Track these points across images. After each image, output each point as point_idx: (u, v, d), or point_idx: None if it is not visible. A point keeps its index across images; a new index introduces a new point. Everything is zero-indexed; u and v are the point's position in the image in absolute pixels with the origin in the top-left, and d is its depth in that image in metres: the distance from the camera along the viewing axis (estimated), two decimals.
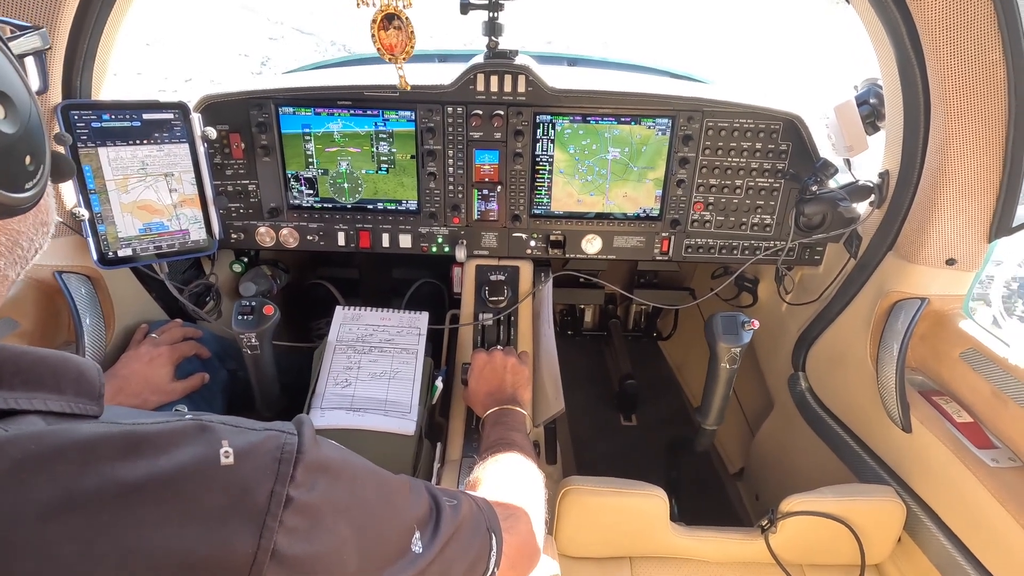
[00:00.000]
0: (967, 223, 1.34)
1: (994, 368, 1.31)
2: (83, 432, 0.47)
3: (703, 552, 1.43)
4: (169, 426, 0.51)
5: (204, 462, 0.50)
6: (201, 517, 0.47)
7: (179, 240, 1.46)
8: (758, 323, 1.50)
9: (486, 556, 0.77)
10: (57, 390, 0.52)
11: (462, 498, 0.80)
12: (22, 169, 0.54)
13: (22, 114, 0.54)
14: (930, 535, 1.34)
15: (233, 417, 0.56)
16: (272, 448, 0.54)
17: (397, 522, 0.65)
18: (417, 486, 0.74)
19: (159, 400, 1.42)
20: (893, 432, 1.45)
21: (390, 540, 0.63)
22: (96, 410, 0.54)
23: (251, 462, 0.52)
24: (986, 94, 1.20)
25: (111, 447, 0.47)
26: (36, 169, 0.55)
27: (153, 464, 0.47)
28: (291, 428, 0.57)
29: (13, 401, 0.49)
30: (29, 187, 0.54)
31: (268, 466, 0.52)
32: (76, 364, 0.55)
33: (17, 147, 0.53)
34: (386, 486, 0.67)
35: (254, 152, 1.61)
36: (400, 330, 1.59)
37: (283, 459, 0.53)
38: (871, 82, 1.53)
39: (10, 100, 0.52)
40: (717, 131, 1.61)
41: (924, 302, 1.40)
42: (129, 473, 0.46)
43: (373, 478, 0.66)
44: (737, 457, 2.28)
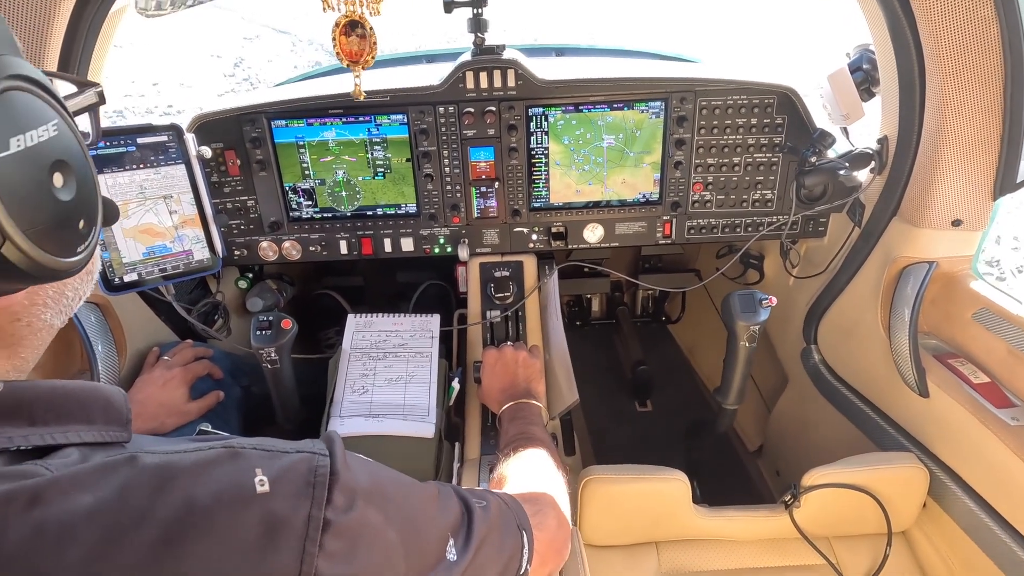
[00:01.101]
0: (970, 183, 1.33)
1: (1008, 326, 1.30)
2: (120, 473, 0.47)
3: (728, 532, 1.43)
4: (202, 455, 0.51)
5: (240, 491, 0.49)
6: (240, 548, 0.47)
7: (183, 261, 1.46)
8: (776, 300, 1.50)
9: (519, 555, 0.77)
10: (87, 421, 0.53)
11: (490, 498, 0.79)
12: (76, 234, 0.54)
13: (79, 179, 0.54)
14: (955, 498, 1.33)
15: (262, 439, 0.56)
16: (305, 471, 0.53)
17: (432, 532, 0.65)
18: (446, 491, 0.74)
19: (177, 422, 1.43)
20: (910, 398, 1.44)
21: (426, 551, 0.63)
22: (125, 436, 0.55)
23: (286, 487, 0.51)
24: (980, 51, 1.19)
25: (147, 485, 0.47)
26: (88, 230, 0.56)
27: (190, 498, 0.47)
28: (322, 448, 0.56)
29: (50, 437, 0.50)
30: (81, 250, 0.55)
31: (303, 490, 0.52)
32: (103, 393, 0.56)
33: (73, 213, 0.53)
34: (418, 496, 0.67)
35: (250, 168, 1.61)
36: (413, 334, 1.60)
37: (317, 482, 0.53)
38: (863, 48, 1.51)
39: (68, 167, 0.52)
40: (711, 110, 1.60)
41: (933, 265, 1.39)
42: (167, 509, 0.46)
43: (405, 490, 0.65)
44: (755, 435, 2.28)
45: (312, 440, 0.58)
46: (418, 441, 1.39)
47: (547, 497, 0.95)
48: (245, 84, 8.80)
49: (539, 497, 0.94)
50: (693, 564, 1.41)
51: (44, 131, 0.50)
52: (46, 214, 0.50)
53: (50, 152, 0.50)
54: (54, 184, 0.51)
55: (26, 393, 0.50)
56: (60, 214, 0.51)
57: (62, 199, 0.51)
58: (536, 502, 0.92)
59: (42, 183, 0.50)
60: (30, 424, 0.49)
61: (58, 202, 0.51)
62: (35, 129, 0.49)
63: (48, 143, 0.50)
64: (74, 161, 0.53)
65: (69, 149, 0.53)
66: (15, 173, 0.46)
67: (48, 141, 0.50)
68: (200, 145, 1.42)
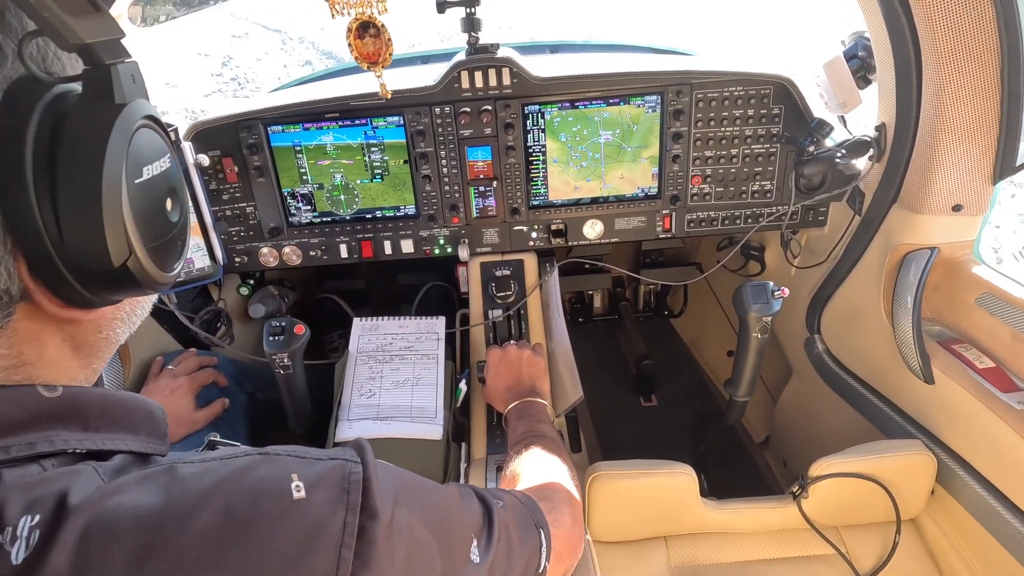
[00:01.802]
0: (970, 167, 1.32)
1: (1012, 310, 1.30)
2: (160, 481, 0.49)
3: (737, 524, 1.43)
4: (239, 462, 0.52)
5: (277, 498, 0.50)
6: (278, 554, 0.48)
7: (184, 270, 1.46)
8: (788, 291, 1.49)
9: (538, 553, 0.77)
10: (133, 431, 0.55)
11: (506, 497, 0.79)
12: (176, 251, 0.60)
13: (183, 204, 0.61)
14: (963, 484, 1.33)
15: (295, 446, 0.57)
16: (340, 478, 0.54)
17: (458, 535, 0.66)
18: (466, 493, 0.74)
19: (185, 431, 1.43)
20: (915, 385, 1.44)
21: (453, 554, 0.64)
22: (164, 449, 0.57)
23: (322, 494, 0.52)
24: (976, 35, 1.18)
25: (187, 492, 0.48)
26: (182, 250, 0.62)
27: (229, 504, 0.48)
28: (354, 456, 0.57)
29: (101, 442, 0.51)
30: (176, 266, 0.61)
31: (338, 497, 0.53)
32: (147, 405, 0.58)
33: (177, 233, 0.60)
34: (443, 499, 0.68)
35: (248, 174, 1.61)
36: (419, 336, 1.60)
37: (351, 488, 0.54)
38: (858, 35, 1.51)
39: (176, 193, 0.59)
40: (707, 102, 1.59)
41: (934, 251, 1.39)
42: (207, 516, 0.47)
43: (430, 494, 0.66)
44: (761, 426, 2.28)
45: (343, 448, 0.59)
46: (426, 443, 1.39)
47: (561, 494, 0.96)
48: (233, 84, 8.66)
49: (553, 494, 0.94)
50: (703, 557, 1.41)
51: (163, 163, 0.57)
52: (160, 233, 0.56)
53: (166, 180, 0.57)
54: (167, 207, 0.58)
55: (82, 398, 0.52)
56: (169, 233, 0.58)
57: (172, 220, 0.58)
58: (550, 499, 0.92)
59: (160, 206, 0.56)
60: (84, 429, 0.51)
61: (169, 223, 0.58)
62: (158, 160, 0.56)
63: (165, 173, 0.57)
64: (180, 189, 0.60)
65: (177, 179, 0.60)
66: (144, 197, 0.53)
67: (165, 171, 0.57)
68: (197, 153, 1.42)
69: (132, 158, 0.51)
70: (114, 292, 0.54)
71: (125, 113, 0.51)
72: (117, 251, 0.49)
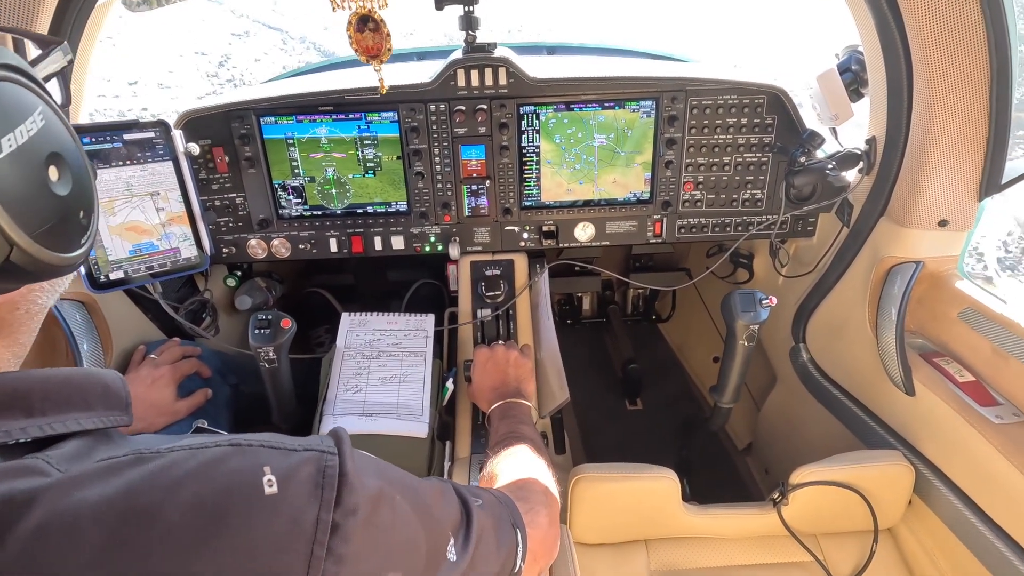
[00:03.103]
0: (957, 183, 1.34)
1: (993, 325, 1.32)
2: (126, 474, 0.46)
3: (717, 529, 1.44)
4: (209, 453, 0.50)
5: (248, 493, 0.48)
6: (249, 552, 0.47)
7: (170, 259, 1.45)
8: (776, 300, 1.51)
9: (514, 553, 0.77)
10: (87, 407, 0.51)
11: (485, 496, 0.79)
12: (77, 226, 0.52)
13: (74, 169, 0.51)
14: (940, 495, 1.35)
15: (270, 435, 0.55)
16: (314, 472, 0.52)
17: (435, 533, 0.64)
18: (447, 490, 0.73)
19: (165, 421, 1.41)
20: (897, 396, 1.45)
21: (429, 552, 0.63)
22: (127, 420, 0.54)
23: (294, 489, 0.50)
24: (967, 53, 1.20)
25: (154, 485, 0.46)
26: (88, 222, 0.54)
27: (199, 499, 0.46)
28: (331, 446, 0.55)
29: (49, 427, 0.48)
30: (84, 241, 0.54)
31: (312, 492, 0.51)
32: (100, 377, 0.55)
33: (72, 206, 0.51)
34: (422, 496, 0.66)
35: (239, 165, 1.60)
36: (407, 333, 1.59)
37: (326, 484, 0.51)
38: (852, 49, 1.52)
39: (62, 159, 0.50)
40: (702, 109, 1.60)
41: (919, 265, 1.40)
42: (176, 511, 0.45)
43: (410, 491, 0.64)
44: (744, 433, 2.29)
45: (320, 436, 0.57)
46: (411, 440, 1.39)
47: (539, 494, 0.96)
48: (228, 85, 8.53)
49: (531, 494, 0.94)
50: (683, 562, 1.42)
51: (32, 124, 0.47)
52: (48, 213, 0.48)
53: (42, 145, 0.48)
54: (50, 179, 0.48)
55: (20, 383, 0.49)
56: (61, 210, 0.49)
57: (60, 194, 0.49)
58: (528, 499, 0.92)
59: (39, 181, 0.47)
60: (27, 415, 0.48)
61: (57, 198, 0.49)
62: (23, 124, 0.46)
63: (38, 136, 0.48)
64: (66, 151, 0.51)
65: (59, 138, 0.50)
66: (10, 175, 0.44)
67: (38, 134, 0.48)
68: (188, 142, 1.41)
69: None
70: (11, 284, 0.49)
71: None
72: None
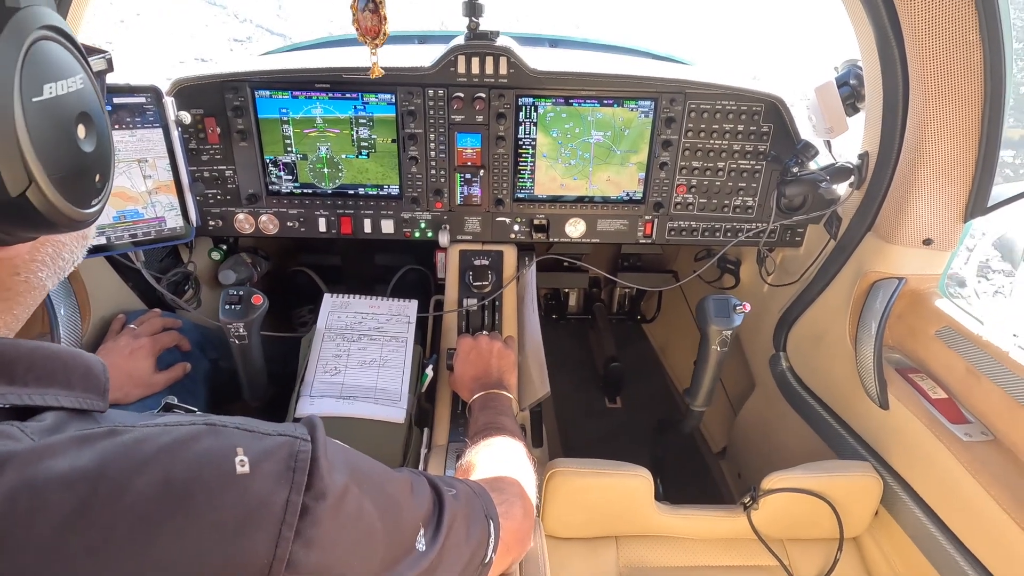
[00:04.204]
0: (944, 203, 1.36)
1: (968, 345, 1.34)
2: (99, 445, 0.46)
3: (687, 530, 1.46)
4: (183, 431, 0.50)
5: (219, 471, 0.48)
6: (217, 529, 0.47)
7: (155, 228, 1.42)
8: (750, 306, 1.52)
9: (485, 544, 0.77)
10: (68, 386, 0.52)
11: (459, 486, 0.79)
12: (92, 186, 0.55)
13: (100, 133, 0.55)
14: (906, 508, 1.38)
15: (244, 419, 0.55)
16: (286, 456, 0.52)
17: (404, 523, 0.65)
18: (419, 482, 0.73)
19: (141, 393, 1.40)
20: (871, 409, 1.48)
21: (397, 542, 0.63)
22: (102, 406, 0.54)
23: (266, 469, 0.50)
24: (963, 75, 1.21)
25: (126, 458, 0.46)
26: (103, 186, 0.57)
27: (168, 474, 0.46)
28: (304, 433, 0.55)
29: (28, 397, 0.48)
30: (95, 203, 0.56)
31: (283, 474, 0.51)
32: (84, 359, 0.55)
33: (92, 166, 0.54)
34: (393, 486, 0.66)
35: (230, 137, 1.57)
36: (389, 318, 1.58)
37: (298, 467, 0.52)
38: (851, 63, 1.53)
39: (91, 120, 0.53)
40: (700, 113, 1.61)
41: (902, 282, 1.42)
42: (145, 484, 0.45)
43: (381, 480, 0.65)
44: (720, 436, 2.32)
45: (294, 424, 0.57)
46: (388, 425, 1.39)
47: (515, 486, 0.96)
48: None
49: (506, 486, 0.94)
50: (651, 559, 1.43)
51: (73, 83, 0.51)
52: (69, 162, 0.51)
53: (77, 103, 0.52)
54: (78, 135, 0.52)
55: (7, 351, 0.49)
56: (81, 164, 0.52)
57: (84, 150, 0.53)
58: (503, 491, 0.92)
59: (68, 132, 0.51)
60: (9, 383, 0.48)
61: (81, 152, 0.52)
62: (65, 79, 0.50)
63: (76, 94, 0.51)
64: (96, 116, 0.55)
65: (92, 103, 0.54)
66: (45, 119, 0.47)
67: (76, 92, 0.52)
68: (179, 110, 1.38)
69: (28, 72, 0.46)
70: (21, 227, 0.50)
71: (18, 19, 0.45)
72: (13, 179, 0.45)
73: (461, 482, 0.82)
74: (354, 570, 0.57)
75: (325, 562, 0.53)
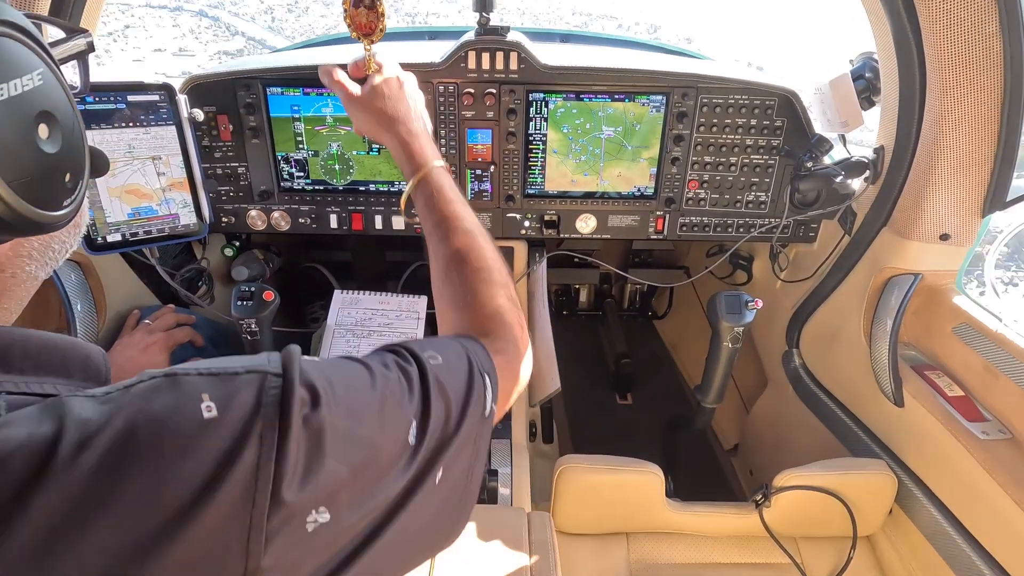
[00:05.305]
0: (961, 198, 1.34)
1: (986, 342, 1.32)
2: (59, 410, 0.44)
3: (698, 527, 1.45)
4: (143, 385, 0.47)
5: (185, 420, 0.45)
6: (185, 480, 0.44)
7: (169, 224, 1.44)
8: (762, 303, 1.51)
9: (482, 401, 0.68)
10: (65, 375, 0.51)
11: (447, 348, 0.69)
12: (61, 187, 0.53)
13: (65, 131, 0.53)
14: (920, 506, 1.36)
15: (205, 361, 0.51)
16: (255, 392, 0.49)
17: (393, 431, 0.58)
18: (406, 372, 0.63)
19: None
20: (885, 407, 1.46)
21: (391, 445, 0.57)
22: None
23: (235, 412, 0.47)
24: (982, 67, 1.19)
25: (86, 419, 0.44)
26: (75, 185, 0.55)
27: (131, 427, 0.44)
28: (276, 365, 0.51)
29: (25, 385, 0.48)
30: (67, 204, 0.54)
31: (253, 414, 0.47)
32: (83, 349, 0.54)
33: (58, 166, 0.52)
34: (378, 394, 0.59)
35: (243, 134, 1.59)
36: (399, 314, 1.59)
37: (268, 402, 0.48)
38: (867, 56, 1.51)
39: (54, 119, 0.51)
40: (712, 107, 1.59)
41: (918, 278, 1.40)
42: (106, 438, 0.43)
43: (366, 395, 0.58)
44: (732, 433, 2.31)
45: (268, 354, 0.53)
46: None
47: (500, 317, 0.84)
48: None
49: (496, 327, 0.82)
50: (662, 556, 1.43)
51: (28, 80, 0.49)
52: (30, 166, 0.49)
53: (35, 102, 0.50)
54: (39, 135, 0.50)
55: (2, 338, 0.48)
56: (45, 166, 0.50)
57: (47, 151, 0.51)
58: (494, 332, 0.81)
59: (26, 134, 0.49)
60: (5, 371, 0.47)
61: (43, 154, 0.50)
62: (19, 78, 0.48)
63: (32, 93, 0.49)
64: (60, 113, 0.52)
65: (55, 100, 0.52)
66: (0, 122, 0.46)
67: (33, 91, 0.49)
68: (192, 107, 1.39)
69: None
70: None
71: None
72: None
73: (451, 340, 0.74)
74: (344, 490, 0.53)
75: (312, 495, 0.49)
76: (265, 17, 10.71)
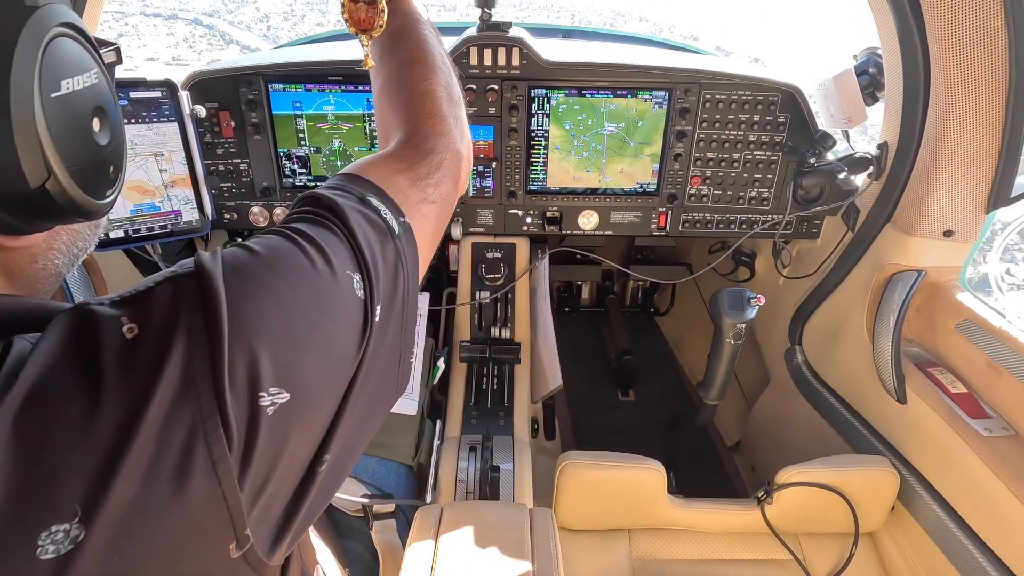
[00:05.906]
0: (965, 194, 1.33)
1: (989, 339, 1.32)
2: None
3: (700, 523, 1.45)
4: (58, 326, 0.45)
5: (110, 344, 0.44)
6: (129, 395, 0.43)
7: (171, 221, 1.44)
8: (764, 299, 1.51)
9: (381, 221, 0.65)
10: None
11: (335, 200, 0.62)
12: (106, 177, 0.56)
13: (114, 126, 0.57)
14: (923, 503, 1.36)
15: (123, 291, 0.50)
16: (169, 299, 0.47)
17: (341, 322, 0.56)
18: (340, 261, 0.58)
19: None
20: (888, 403, 1.46)
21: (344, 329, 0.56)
22: None
23: (156, 328, 0.46)
24: (987, 62, 1.18)
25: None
26: (116, 177, 0.58)
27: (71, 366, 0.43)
28: (189, 267, 0.50)
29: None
30: (109, 194, 0.57)
31: (173, 325, 0.46)
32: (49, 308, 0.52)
33: (107, 158, 0.56)
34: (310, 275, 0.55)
35: (245, 130, 1.59)
36: None
37: (185, 309, 0.47)
38: (870, 51, 1.50)
39: (105, 113, 0.55)
40: (715, 103, 1.58)
41: (921, 274, 1.40)
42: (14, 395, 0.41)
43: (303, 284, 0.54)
44: (734, 430, 2.31)
45: (182, 262, 0.52)
46: (400, 418, 1.39)
47: (436, 106, 0.83)
48: None
49: (428, 117, 0.82)
50: (664, 552, 1.43)
51: (88, 78, 0.53)
52: (86, 155, 0.52)
53: (92, 98, 0.53)
54: (94, 128, 0.54)
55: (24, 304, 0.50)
56: (97, 157, 0.54)
57: (100, 143, 0.54)
58: (425, 145, 0.80)
59: (84, 126, 0.53)
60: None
61: (96, 145, 0.54)
62: (81, 75, 0.52)
63: (91, 89, 0.53)
64: (110, 109, 0.56)
65: (107, 97, 0.56)
66: (63, 113, 0.49)
67: (91, 87, 0.53)
68: (194, 104, 1.39)
69: (46, 69, 0.47)
70: (39, 218, 0.51)
71: (38, 17, 0.47)
72: (33, 171, 0.47)
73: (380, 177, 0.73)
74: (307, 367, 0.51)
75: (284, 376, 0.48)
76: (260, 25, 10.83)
